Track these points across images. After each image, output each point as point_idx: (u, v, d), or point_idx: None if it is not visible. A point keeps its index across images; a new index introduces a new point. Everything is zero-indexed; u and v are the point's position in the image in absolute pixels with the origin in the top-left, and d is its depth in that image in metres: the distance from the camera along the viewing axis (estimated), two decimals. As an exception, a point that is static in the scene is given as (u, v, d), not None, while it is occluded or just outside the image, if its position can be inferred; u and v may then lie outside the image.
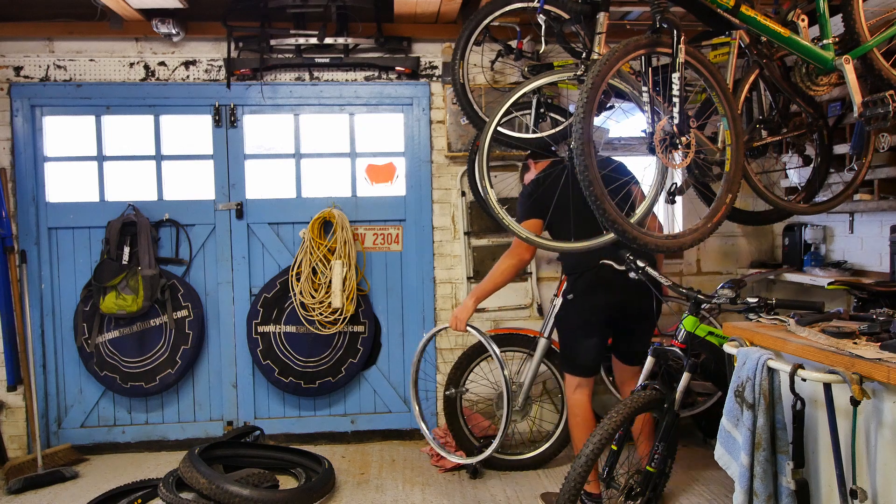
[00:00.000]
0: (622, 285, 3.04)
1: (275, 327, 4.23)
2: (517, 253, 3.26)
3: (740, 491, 2.13)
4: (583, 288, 3.13)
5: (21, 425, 4.16)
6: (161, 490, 3.26)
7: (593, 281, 3.11)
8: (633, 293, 3.07)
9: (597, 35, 2.48)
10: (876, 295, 3.02)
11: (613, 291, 3.09)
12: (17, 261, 4.07)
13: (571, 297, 3.18)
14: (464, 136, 4.30)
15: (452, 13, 4.13)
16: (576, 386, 3.21)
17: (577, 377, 3.20)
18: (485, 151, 2.86)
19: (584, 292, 3.13)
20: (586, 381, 3.20)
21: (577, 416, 3.18)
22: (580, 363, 3.18)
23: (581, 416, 3.18)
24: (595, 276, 3.11)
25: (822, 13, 2.74)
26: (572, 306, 3.18)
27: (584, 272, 3.14)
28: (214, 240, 4.30)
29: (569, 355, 3.24)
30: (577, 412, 3.19)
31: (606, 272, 3.07)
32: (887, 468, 1.88)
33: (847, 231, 3.99)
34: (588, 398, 3.21)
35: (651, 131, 2.35)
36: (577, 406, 3.19)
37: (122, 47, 4.20)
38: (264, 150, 4.40)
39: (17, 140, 4.13)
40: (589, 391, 3.22)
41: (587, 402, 3.20)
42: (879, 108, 2.54)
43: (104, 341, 4.12)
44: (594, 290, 3.10)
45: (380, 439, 4.39)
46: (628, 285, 3.00)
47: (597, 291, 3.10)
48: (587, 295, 3.12)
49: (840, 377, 1.85)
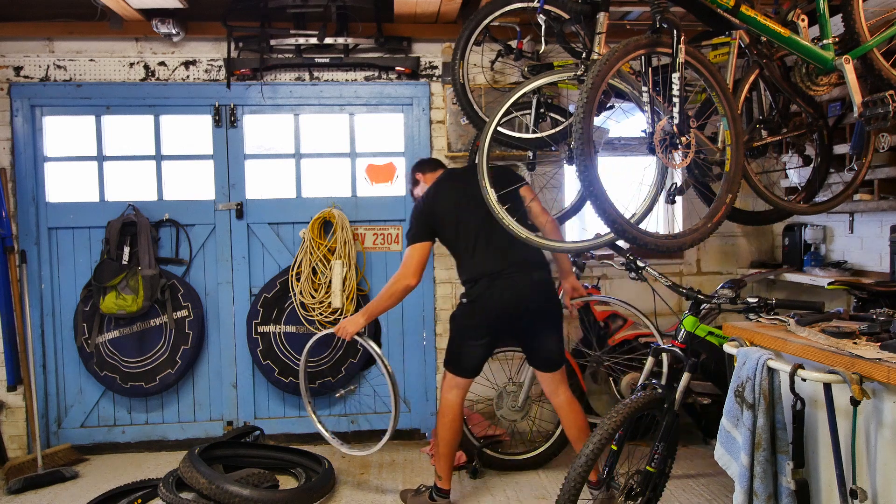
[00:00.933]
0: (517, 291, 3.12)
1: (275, 327, 4.23)
2: (404, 278, 3.26)
3: (740, 491, 2.13)
4: (478, 293, 3.16)
5: (21, 425, 4.16)
6: (161, 490, 3.26)
7: (489, 286, 3.14)
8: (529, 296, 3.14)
9: (597, 35, 2.48)
10: (876, 295, 3.02)
11: (507, 296, 3.13)
12: (17, 261, 4.07)
13: (465, 300, 3.22)
14: (464, 136, 4.30)
15: (452, 13, 4.13)
16: (452, 386, 3.25)
17: (456, 377, 3.24)
18: (485, 151, 2.86)
19: (478, 297, 3.16)
20: (464, 384, 3.26)
21: (447, 416, 3.24)
22: (464, 364, 3.23)
23: (450, 417, 3.24)
24: (490, 283, 3.14)
25: (822, 13, 2.74)
26: (467, 308, 3.21)
27: (480, 278, 3.17)
28: (214, 240, 4.29)
29: (455, 354, 3.26)
30: (446, 412, 3.25)
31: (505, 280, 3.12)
32: (887, 468, 1.88)
33: (847, 231, 3.99)
34: (460, 400, 3.27)
35: (651, 131, 2.35)
36: (447, 406, 3.25)
37: (122, 47, 4.20)
38: (264, 150, 4.40)
39: (17, 140, 4.13)
40: (463, 394, 3.28)
41: (459, 403, 3.26)
42: (879, 108, 2.54)
43: (104, 341, 4.12)
44: (491, 295, 3.13)
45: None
46: (524, 290, 3.12)
47: (492, 296, 3.13)
48: (482, 300, 3.15)
49: (840, 377, 1.85)
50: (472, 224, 3.22)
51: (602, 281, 4.39)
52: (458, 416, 3.27)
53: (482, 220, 3.14)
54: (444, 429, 3.25)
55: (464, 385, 3.27)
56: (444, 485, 3.28)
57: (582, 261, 3.82)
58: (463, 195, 3.25)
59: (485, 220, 3.06)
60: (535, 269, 3.19)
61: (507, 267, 3.14)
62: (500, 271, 3.14)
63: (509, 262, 3.15)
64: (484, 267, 3.17)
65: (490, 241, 3.19)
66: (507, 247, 3.14)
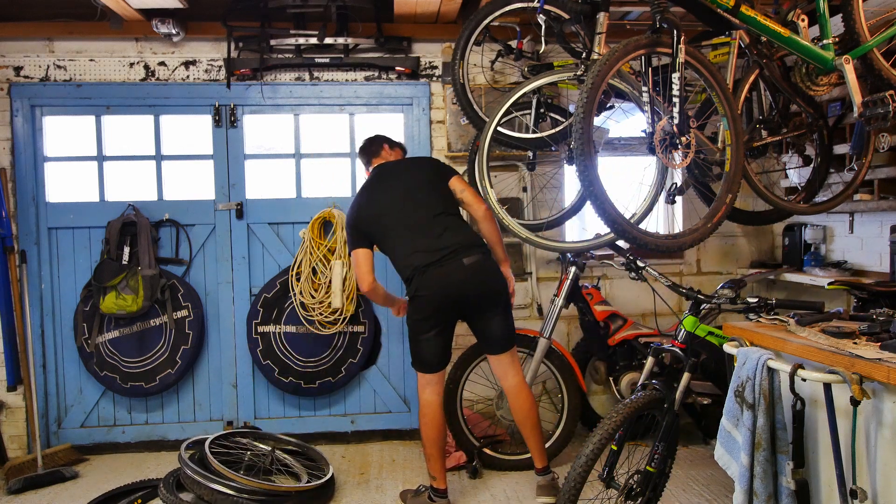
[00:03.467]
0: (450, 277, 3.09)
1: (275, 327, 4.23)
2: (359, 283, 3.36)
3: (740, 491, 2.13)
4: (415, 287, 3.15)
5: (21, 425, 4.16)
6: (161, 491, 3.26)
7: (422, 279, 3.13)
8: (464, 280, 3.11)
9: (597, 35, 2.49)
10: (876, 295, 3.02)
11: (442, 283, 3.11)
12: (17, 261, 4.07)
13: (408, 298, 3.24)
14: (464, 136, 4.30)
15: (452, 13, 4.13)
16: (424, 384, 3.25)
17: (424, 374, 3.24)
18: (485, 151, 2.87)
19: (416, 291, 3.15)
20: (434, 379, 3.24)
21: (426, 415, 3.25)
22: (421, 358, 3.23)
23: (429, 416, 3.24)
24: (422, 275, 3.13)
25: (822, 13, 2.74)
26: (411, 304, 3.22)
27: (414, 274, 3.16)
28: (214, 240, 4.29)
29: (413, 351, 3.27)
30: (425, 411, 3.25)
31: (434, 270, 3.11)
32: (887, 468, 1.88)
33: (847, 231, 3.99)
34: (437, 397, 3.25)
35: (651, 131, 2.35)
36: (425, 406, 3.25)
37: (122, 47, 4.20)
38: (264, 150, 4.40)
39: (17, 140, 4.13)
40: (438, 390, 3.26)
41: (436, 401, 3.24)
42: (879, 108, 2.55)
43: (104, 341, 4.12)
44: (427, 287, 3.12)
45: (380, 439, 4.39)
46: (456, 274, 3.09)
47: (429, 287, 3.12)
48: (420, 293, 3.14)
49: (840, 377, 1.85)
50: (393, 222, 3.23)
51: (602, 281, 4.39)
52: (438, 414, 3.25)
53: (404, 216, 3.19)
54: (426, 427, 3.24)
55: (434, 380, 3.24)
56: (439, 484, 3.28)
57: (582, 261, 3.82)
58: (385, 194, 3.28)
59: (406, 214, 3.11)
60: (465, 252, 3.14)
61: (436, 256, 3.11)
62: (430, 263, 3.11)
63: (438, 251, 3.12)
64: (413, 260, 3.15)
65: (415, 234, 3.18)
66: (433, 236, 3.13)
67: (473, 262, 3.13)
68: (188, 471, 3.19)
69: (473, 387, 3.98)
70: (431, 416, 3.24)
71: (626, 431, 2.62)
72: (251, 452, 3.62)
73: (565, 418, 3.83)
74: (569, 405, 3.83)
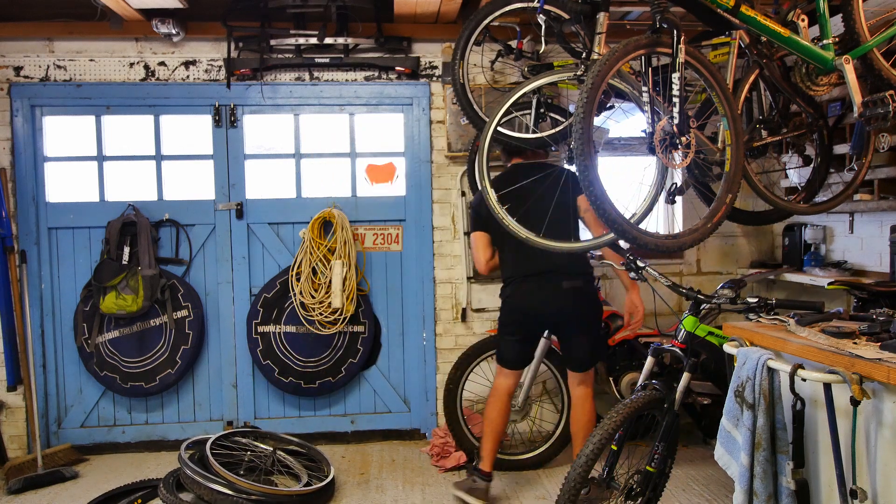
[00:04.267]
0: (542, 297, 3.29)
1: (275, 327, 4.23)
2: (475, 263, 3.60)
3: (740, 491, 2.13)
4: (508, 293, 3.40)
5: (21, 425, 4.16)
6: (161, 491, 3.27)
7: (517, 289, 3.34)
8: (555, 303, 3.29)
9: (597, 35, 2.48)
10: (876, 295, 3.02)
11: (531, 301, 3.32)
12: (17, 261, 4.07)
13: (501, 298, 3.48)
14: (464, 136, 4.30)
15: (452, 13, 4.13)
16: (499, 373, 3.50)
17: (499, 366, 3.49)
18: (485, 151, 2.87)
19: (508, 297, 3.40)
20: (511, 374, 3.47)
21: (494, 396, 3.48)
22: (504, 356, 3.48)
23: (496, 398, 3.47)
24: (518, 286, 3.34)
25: (822, 13, 2.74)
26: (502, 305, 3.48)
27: (513, 280, 3.38)
28: (214, 240, 4.29)
29: (498, 346, 3.52)
30: (494, 393, 3.48)
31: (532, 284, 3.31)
32: (887, 468, 1.88)
33: (847, 231, 3.99)
34: (506, 388, 3.46)
35: (651, 131, 2.35)
36: (496, 388, 3.49)
37: (122, 47, 4.20)
38: (264, 150, 4.40)
39: (17, 140, 4.13)
40: (511, 382, 3.47)
41: (507, 389, 3.46)
42: (879, 108, 2.54)
43: (104, 341, 4.12)
44: (520, 297, 3.34)
45: (380, 439, 4.39)
46: (549, 296, 3.27)
47: (522, 299, 3.34)
48: (510, 300, 3.39)
49: (840, 377, 1.85)
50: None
51: (602, 281, 4.39)
52: (504, 401, 3.44)
53: None
54: (490, 407, 3.46)
55: (510, 375, 3.46)
56: (484, 466, 3.43)
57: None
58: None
59: None
60: (567, 277, 3.27)
61: (537, 272, 3.27)
62: (529, 275, 3.29)
63: (541, 267, 3.26)
64: (517, 269, 3.34)
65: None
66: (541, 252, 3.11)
67: (569, 289, 3.28)
68: (188, 471, 3.19)
69: (473, 387, 3.99)
70: (498, 398, 3.45)
71: (626, 431, 2.62)
72: (252, 453, 3.62)
73: (565, 418, 3.83)
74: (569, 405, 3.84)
